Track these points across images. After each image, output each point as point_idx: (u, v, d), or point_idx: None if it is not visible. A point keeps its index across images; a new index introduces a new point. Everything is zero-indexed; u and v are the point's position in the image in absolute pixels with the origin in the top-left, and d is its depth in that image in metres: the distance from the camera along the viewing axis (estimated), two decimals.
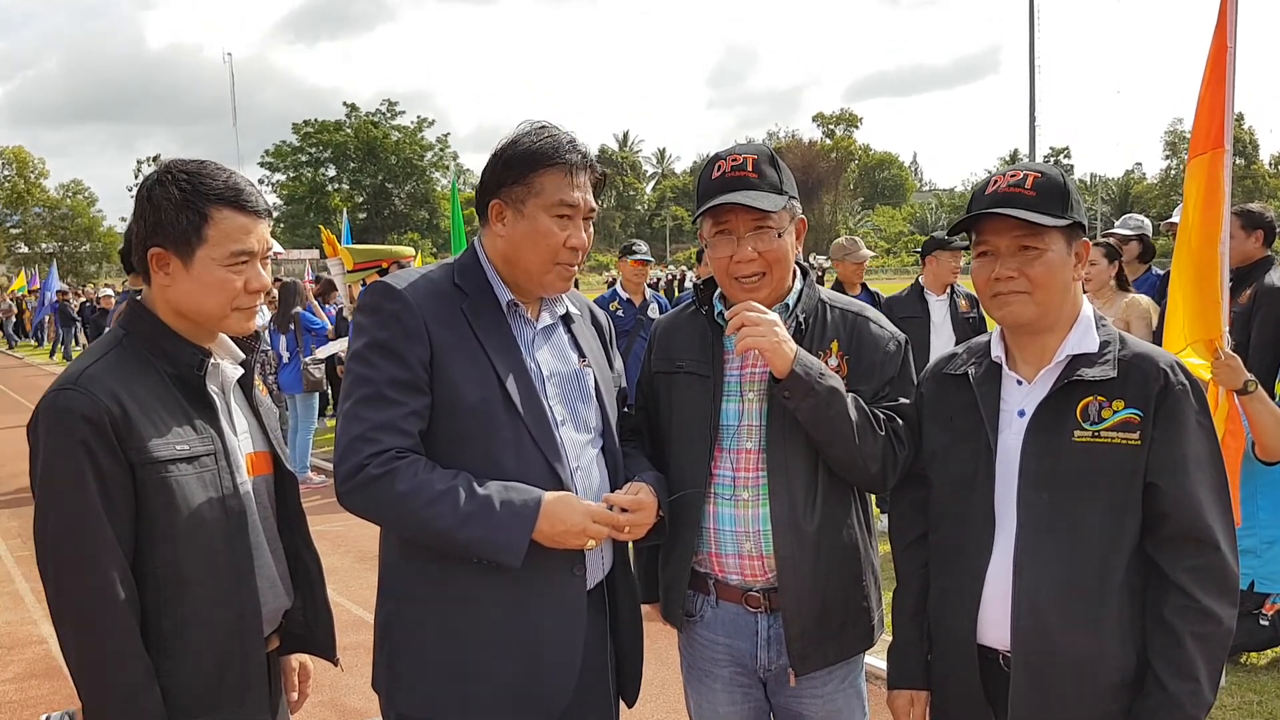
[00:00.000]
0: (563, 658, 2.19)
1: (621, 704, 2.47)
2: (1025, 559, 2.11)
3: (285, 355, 9.55)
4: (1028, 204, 2.10)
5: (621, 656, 2.41)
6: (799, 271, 2.51)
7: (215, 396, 2.10)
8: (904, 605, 2.39)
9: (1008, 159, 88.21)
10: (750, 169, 2.35)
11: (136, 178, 73.51)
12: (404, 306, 2.15)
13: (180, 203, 2.00)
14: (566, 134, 2.26)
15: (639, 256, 7.50)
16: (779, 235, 2.36)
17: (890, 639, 2.44)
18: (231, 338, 2.18)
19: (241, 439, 2.15)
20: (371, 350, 2.14)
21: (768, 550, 2.36)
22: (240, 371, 2.20)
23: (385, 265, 9.09)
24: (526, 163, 2.20)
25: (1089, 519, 2.07)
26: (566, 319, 2.42)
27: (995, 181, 2.19)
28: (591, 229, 2.30)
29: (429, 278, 2.25)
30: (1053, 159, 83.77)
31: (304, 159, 75.78)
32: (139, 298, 2.10)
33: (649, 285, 8.12)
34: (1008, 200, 2.12)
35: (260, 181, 66.89)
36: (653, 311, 7.40)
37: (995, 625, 2.15)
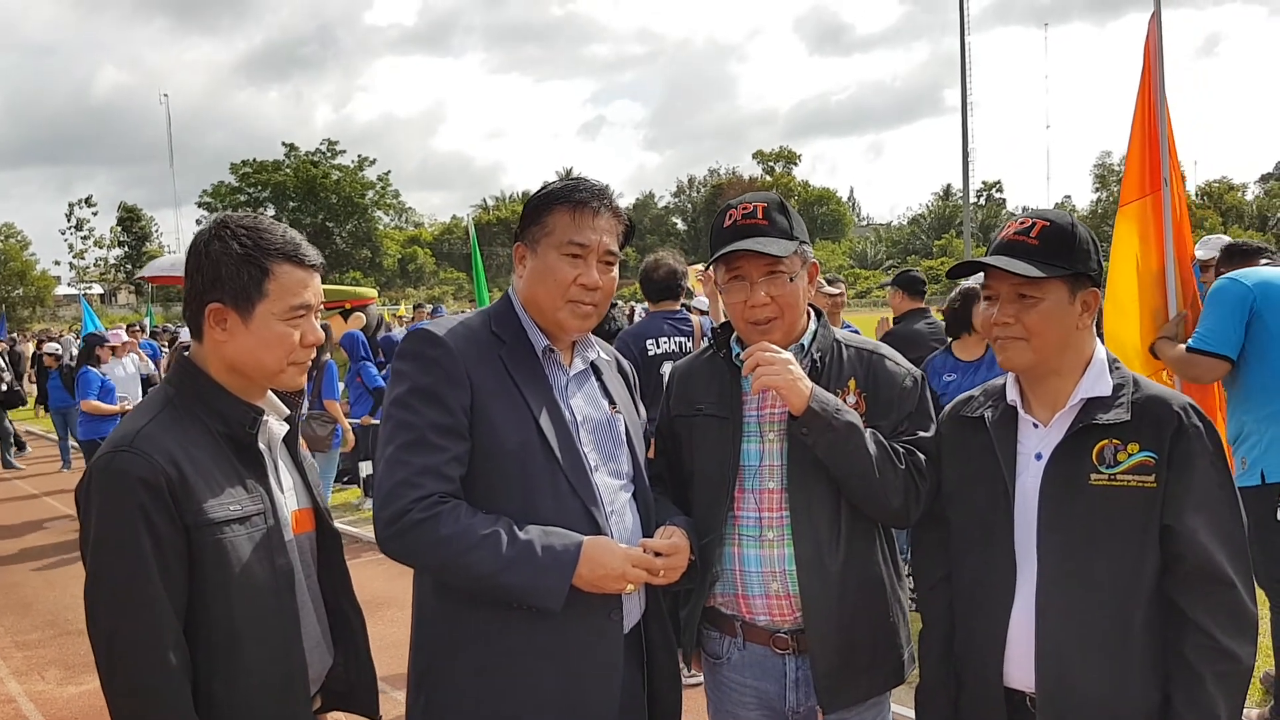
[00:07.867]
0: (600, 704, 2.19)
1: None
2: (1047, 601, 2.14)
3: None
4: (1029, 253, 2.16)
5: (657, 700, 2.42)
6: (813, 313, 2.57)
7: (264, 454, 2.09)
8: (930, 647, 2.41)
9: (941, 193, 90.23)
10: (761, 216, 2.43)
11: (68, 220, 72.13)
12: (445, 352, 2.18)
13: (241, 258, 1.99)
14: (590, 181, 2.32)
15: None
16: (790, 279, 2.42)
17: (918, 679, 2.47)
18: (276, 393, 2.18)
19: (287, 496, 2.13)
20: (414, 396, 2.15)
21: (794, 590, 2.39)
22: (286, 428, 2.19)
23: (348, 306, 8.97)
24: (541, 204, 2.30)
25: (1108, 561, 2.11)
26: (596, 367, 2.46)
27: (1006, 228, 2.27)
28: (615, 273, 2.35)
29: (467, 325, 2.28)
30: (985, 192, 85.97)
31: (243, 198, 74.78)
32: (187, 354, 2.08)
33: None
34: (1010, 249, 2.19)
35: (199, 222, 65.67)
36: None
37: (1021, 667, 2.18)
